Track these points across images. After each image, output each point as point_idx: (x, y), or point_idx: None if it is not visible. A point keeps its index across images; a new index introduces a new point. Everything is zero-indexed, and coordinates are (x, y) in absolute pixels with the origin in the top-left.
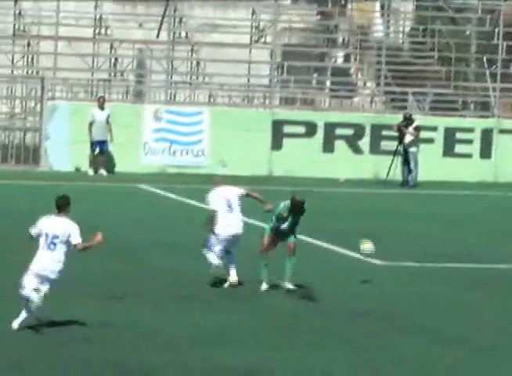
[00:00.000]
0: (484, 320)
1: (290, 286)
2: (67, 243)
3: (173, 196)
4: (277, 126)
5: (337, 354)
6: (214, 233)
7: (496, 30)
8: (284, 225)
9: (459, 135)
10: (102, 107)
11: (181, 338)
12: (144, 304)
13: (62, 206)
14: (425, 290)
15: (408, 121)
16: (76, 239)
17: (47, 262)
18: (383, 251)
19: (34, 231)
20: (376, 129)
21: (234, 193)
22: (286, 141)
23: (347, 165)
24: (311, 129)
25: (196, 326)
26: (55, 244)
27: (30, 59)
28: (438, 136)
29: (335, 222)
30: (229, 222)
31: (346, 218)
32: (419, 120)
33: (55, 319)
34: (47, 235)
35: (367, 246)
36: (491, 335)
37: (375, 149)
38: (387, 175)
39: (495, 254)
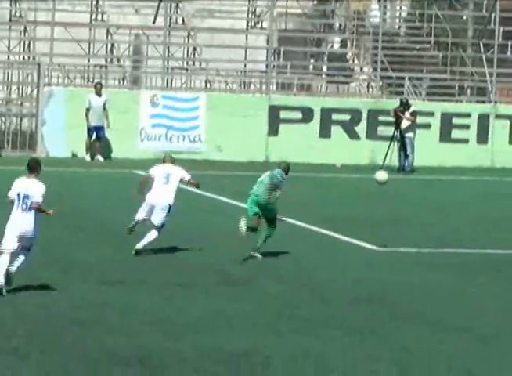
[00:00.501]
0: (486, 309)
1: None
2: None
3: None
4: (274, 112)
5: (334, 341)
6: (142, 197)
7: (493, 15)
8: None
9: (455, 121)
10: (99, 93)
11: (177, 324)
12: (140, 290)
13: (33, 168)
14: (425, 277)
15: (404, 106)
16: (38, 198)
17: (23, 223)
18: (380, 236)
19: (11, 194)
20: (373, 114)
21: (178, 172)
22: (282, 126)
23: (344, 151)
24: (307, 115)
25: (193, 312)
26: (27, 204)
27: (26, 45)
28: (435, 121)
29: (332, 208)
30: (160, 192)
31: (343, 204)
32: (415, 105)
33: (51, 303)
34: (19, 195)
35: (379, 174)
36: (493, 324)
37: (372, 134)
38: (384, 161)
39: (493, 239)
